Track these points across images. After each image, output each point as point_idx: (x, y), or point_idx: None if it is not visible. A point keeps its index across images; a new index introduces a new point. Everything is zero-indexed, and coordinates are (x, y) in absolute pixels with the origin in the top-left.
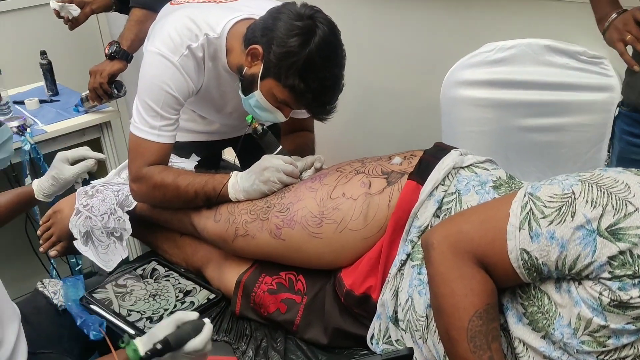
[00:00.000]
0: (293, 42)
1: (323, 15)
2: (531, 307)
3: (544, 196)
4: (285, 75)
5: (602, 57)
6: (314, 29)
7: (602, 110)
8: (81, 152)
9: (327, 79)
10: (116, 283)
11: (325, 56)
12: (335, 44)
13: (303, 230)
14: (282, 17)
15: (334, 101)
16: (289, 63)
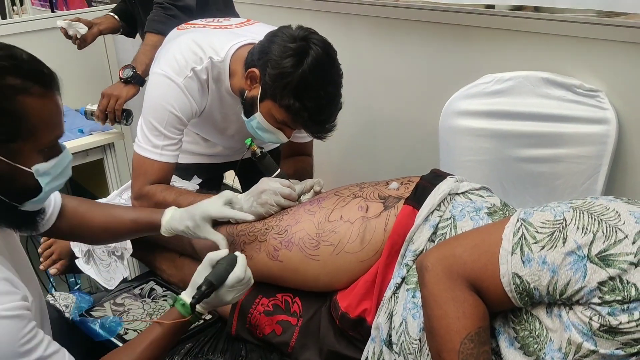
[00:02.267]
0: (286, 63)
1: (317, 37)
2: (522, 331)
3: (536, 222)
4: (281, 96)
5: (598, 90)
6: (307, 49)
7: (597, 142)
8: (229, 213)
9: (322, 97)
10: (114, 302)
11: (319, 75)
12: (330, 63)
13: (300, 252)
14: (276, 40)
15: (332, 119)
16: (283, 83)
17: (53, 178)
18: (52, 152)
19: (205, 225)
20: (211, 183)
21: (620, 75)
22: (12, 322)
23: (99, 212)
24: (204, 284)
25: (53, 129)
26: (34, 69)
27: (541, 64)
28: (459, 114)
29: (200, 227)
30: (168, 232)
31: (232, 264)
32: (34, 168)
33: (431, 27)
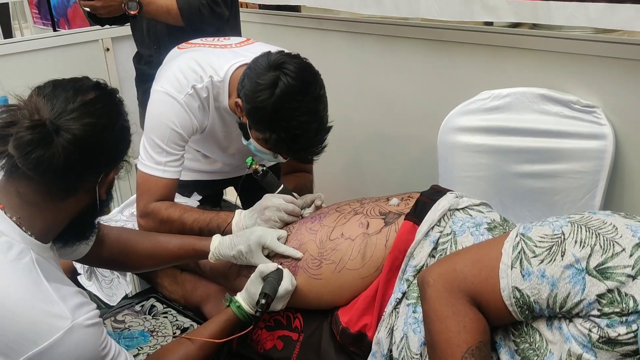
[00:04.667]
0: (257, 98)
1: (291, 64)
2: (523, 343)
3: (535, 236)
4: (257, 129)
5: (595, 106)
6: (277, 81)
7: (595, 157)
8: (281, 249)
9: (296, 127)
10: (115, 319)
11: (289, 107)
12: (303, 92)
13: (304, 274)
14: (250, 73)
15: (312, 146)
16: (257, 118)
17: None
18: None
19: (258, 251)
20: (211, 200)
21: (616, 91)
22: (94, 329)
23: (143, 240)
24: (262, 297)
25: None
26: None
27: (538, 81)
28: (457, 130)
29: (253, 252)
30: (215, 259)
31: (280, 276)
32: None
33: (430, 45)
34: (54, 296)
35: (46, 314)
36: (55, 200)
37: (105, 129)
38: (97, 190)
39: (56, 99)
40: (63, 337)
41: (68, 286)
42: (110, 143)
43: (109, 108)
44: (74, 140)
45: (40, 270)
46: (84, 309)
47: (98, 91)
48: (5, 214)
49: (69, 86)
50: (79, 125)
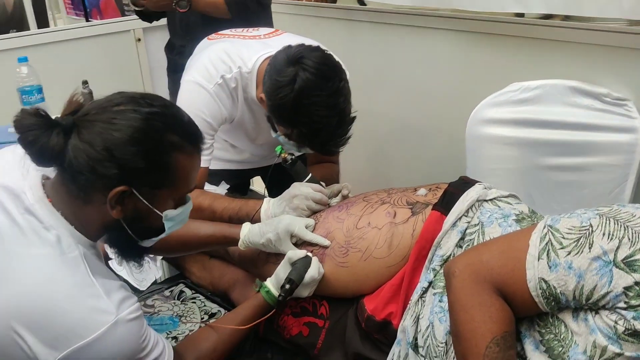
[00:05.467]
0: (278, 95)
1: (310, 58)
2: (548, 334)
3: (562, 228)
4: (281, 124)
5: (626, 99)
6: (295, 77)
7: (625, 151)
8: (309, 237)
9: (316, 122)
10: (145, 303)
11: (308, 103)
12: (321, 86)
13: (331, 261)
14: (270, 70)
15: (334, 139)
16: (279, 115)
17: (175, 223)
18: (181, 201)
19: (286, 239)
20: (238, 189)
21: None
22: (136, 322)
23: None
24: (287, 282)
25: (190, 184)
26: (190, 130)
27: (569, 73)
28: (486, 122)
29: (281, 240)
30: (245, 246)
31: (308, 264)
32: (164, 213)
33: (459, 36)
34: (100, 291)
35: (92, 308)
36: (79, 201)
37: (124, 144)
38: (108, 204)
39: (97, 104)
40: (107, 331)
41: (112, 280)
42: (124, 160)
43: (141, 127)
44: (87, 143)
45: (88, 265)
46: (127, 303)
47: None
48: (54, 208)
49: (125, 100)
50: (96, 131)
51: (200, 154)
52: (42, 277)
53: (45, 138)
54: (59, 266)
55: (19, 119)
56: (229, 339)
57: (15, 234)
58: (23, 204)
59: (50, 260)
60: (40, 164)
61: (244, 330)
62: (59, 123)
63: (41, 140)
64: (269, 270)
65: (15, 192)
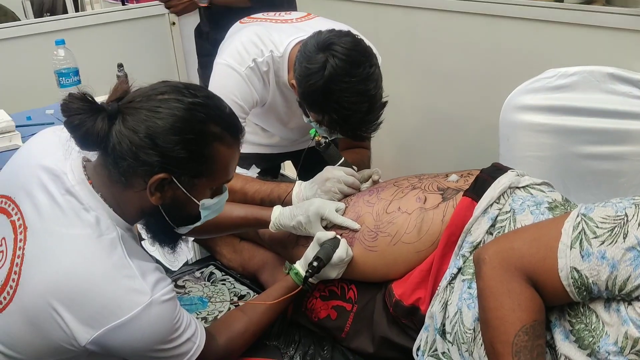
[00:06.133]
0: (309, 82)
1: (340, 44)
2: (578, 324)
3: (596, 217)
4: (312, 110)
5: None
6: (325, 64)
7: None
8: (339, 220)
9: (346, 108)
10: (176, 284)
11: (338, 89)
12: (351, 73)
13: (360, 245)
14: (300, 57)
15: (365, 124)
16: (310, 101)
17: (211, 212)
18: (218, 191)
19: (316, 222)
20: (269, 173)
21: None
22: (170, 304)
23: None
24: (314, 260)
25: (228, 174)
26: (231, 122)
27: (607, 59)
28: (520, 109)
29: (311, 223)
30: (276, 228)
31: (336, 245)
32: (201, 202)
33: (493, 21)
34: (136, 272)
35: (128, 289)
36: (119, 185)
37: (167, 133)
38: (148, 190)
39: (142, 92)
40: (142, 311)
41: (148, 262)
42: (166, 148)
43: (184, 116)
44: (130, 130)
45: (125, 247)
46: (161, 284)
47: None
48: (94, 189)
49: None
50: (140, 119)
51: (240, 145)
52: (81, 257)
53: (90, 122)
54: (97, 247)
55: (66, 102)
56: (259, 319)
57: (55, 214)
58: (64, 185)
59: (89, 241)
60: (84, 148)
61: (274, 311)
62: (104, 108)
63: (86, 124)
64: (298, 253)
65: (56, 173)
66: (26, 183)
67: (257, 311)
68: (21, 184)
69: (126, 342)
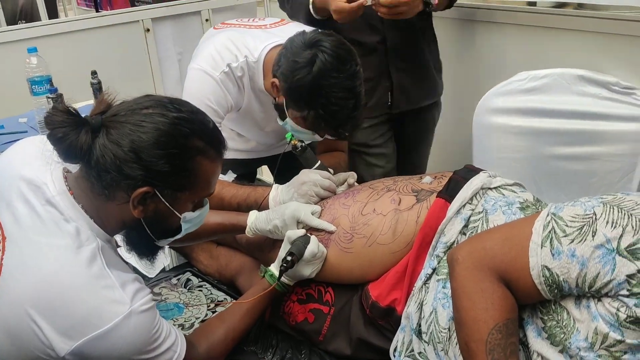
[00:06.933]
0: (296, 76)
1: (327, 41)
2: (550, 321)
3: (566, 216)
4: (296, 107)
5: (634, 88)
6: (314, 59)
7: (632, 140)
8: (315, 222)
9: (334, 103)
10: (152, 291)
11: (327, 84)
12: (339, 68)
13: (336, 247)
14: (286, 53)
15: (350, 122)
16: (296, 96)
17: (192, 225)
18: (199, 204)
19: (293, 225)
20: (245, 178)
21: None
22: (149, 313)
23: None
24: (288, 255)
25: (210, 188)
26: (215, 136)
27: (577, 62)
28: (493, 111)
29: (288, 226)
30: (252, 233)
31: (307, 241)
32: (183, 215)
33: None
34: (115, 283)
35: (108, 299)
36: (101, 197)
37: (151, 147)
38: (131, 203)
39: (126, 105)
40: (122, 321)
41: (127, 273)
42: (150, 162)
43: (168, 131)
44: (114, 143)
45: (104, 257)
46: (140, 294)
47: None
48: (75, 200)
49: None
50: (124, 132)
51: (222, 160)
52: (60, 267)
53: (74, 135)
54: (76, 257)
55: (49, 115)
56: (237, 324)
57: (35, 224)
58: (44, 195)
59: (69, 251)
60: (67, 160)
61: (252, 316)
62: (88, 122)
63: (70, 137)
64: (275, 256)
65: (37, 184)
66: (5, 193)
67: (235, 317)
68: (0, 195)
69: (106, 352)
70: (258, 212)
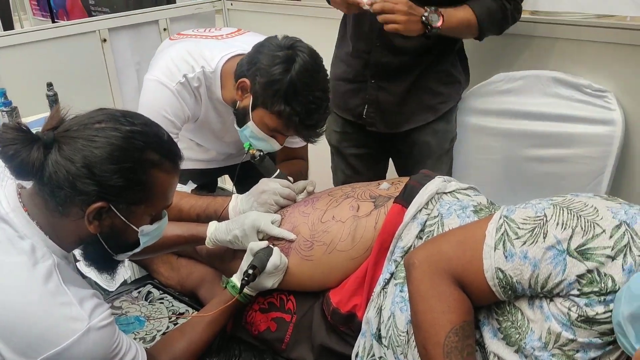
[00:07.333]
0: (275, 71)
1: (303, 44)
2: (505, 322)
3: (518, 218)
4: (272, 102)
5: (606, 91)
6: (294, 57)
7: (603, 143)
8: (275, 231)
9: (311, 101)
10: (112, 305)
11: (307, 81)
12: (317, 69)
13: (296, 255)
14: (264, 50)
15: (321, 123)
16: (274, 90)
17: (151, 238)
18: (157, 217)
19: (253, 235)
20: (206, 188)
21: (629, 77)
22: (108, 329)
23: None
24: (249, 269)
25: (167, 200)
26: (170, 148)
27: (552, 65)
28: (471, 112)
29: (248, 236)
30: (212, 244)
31: (270, 253)
32: (140, 228)
33: None
34: (73, 299)
35: (65, 316)
36: (56, 213)
37: (104, 162)
38: (86, 219)
39: (78, 120)
40: (80, 338)
41: (85, 289)
42: (103, 178)
43: (121, 145)
44: (67, 159)
45: (61, 274)
46: (98, 310)
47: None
48: (29, 217)
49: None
50: (76, 148)
51: (179, 171)
52: (15, 285)
53: (25, 152)
54: (32, 275)
55: (0, 133)
56: (199, 336)
57: None
58: None
59: (24, 269)
60: (20, 177)
61: (214, 327)
62: (39, 138)
63: (21, 154)
64: (237, 266)
65: None
66: None
67: (197, 329)
68: None
69: None
70: (218, 222)
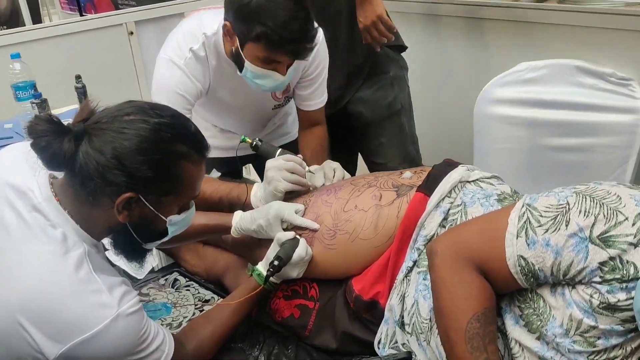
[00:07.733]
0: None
1: None
2: (527, 309)
3: (540, 206)
4: (249, 30)
5: (630, 79)
6: None
7: (628, 132)
8: (299, 221)
9: (282, 14)
10: (140, 292)
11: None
12: None
13: (319, 244)
14: None
15: (304, 34)
16: (244, 16)
17: (178, 227)
18: (185, 207)
19: (277, 224)
20: (230, 176)
21: None
22: (136, 316)
23: None
24: (275, 260)
25: (195, 191)
26: (197, 140)
27: (575, 54)
28: (493, 102)
29: (272, 226)
30: (238, 233)
31: (296, 244)
32: (169, 218)
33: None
34: (102, 287)
35: (95, 303)
36: (87, 203)
37: (133, 153)
38: (116, 209)
39: (108, 112)
40: (109, 325)
41: (114, 277)
42: (133, 169)
43: (150, 137)
44: (97, 151)
45: (91, 262)
46: (127, 297)
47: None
48: (61, 206)
49: (135, 110)
50: (106, 140)
51: (205, 162)
52: (47, 273)
53: (57, 144)
54: (63, 263)
55: (32, 124)
56: (225, 322)
57: (22, 231)
58: (31, 202)
59: (56, 257)
60: (51, 168)
61: (240, 314)
62: (70, 130)
63: (53, 146)
64: (262, 254)
65: (22, 190)
66: None
67: (223, 315)
68: None
69: (94, 355)
70: (243, 212)
